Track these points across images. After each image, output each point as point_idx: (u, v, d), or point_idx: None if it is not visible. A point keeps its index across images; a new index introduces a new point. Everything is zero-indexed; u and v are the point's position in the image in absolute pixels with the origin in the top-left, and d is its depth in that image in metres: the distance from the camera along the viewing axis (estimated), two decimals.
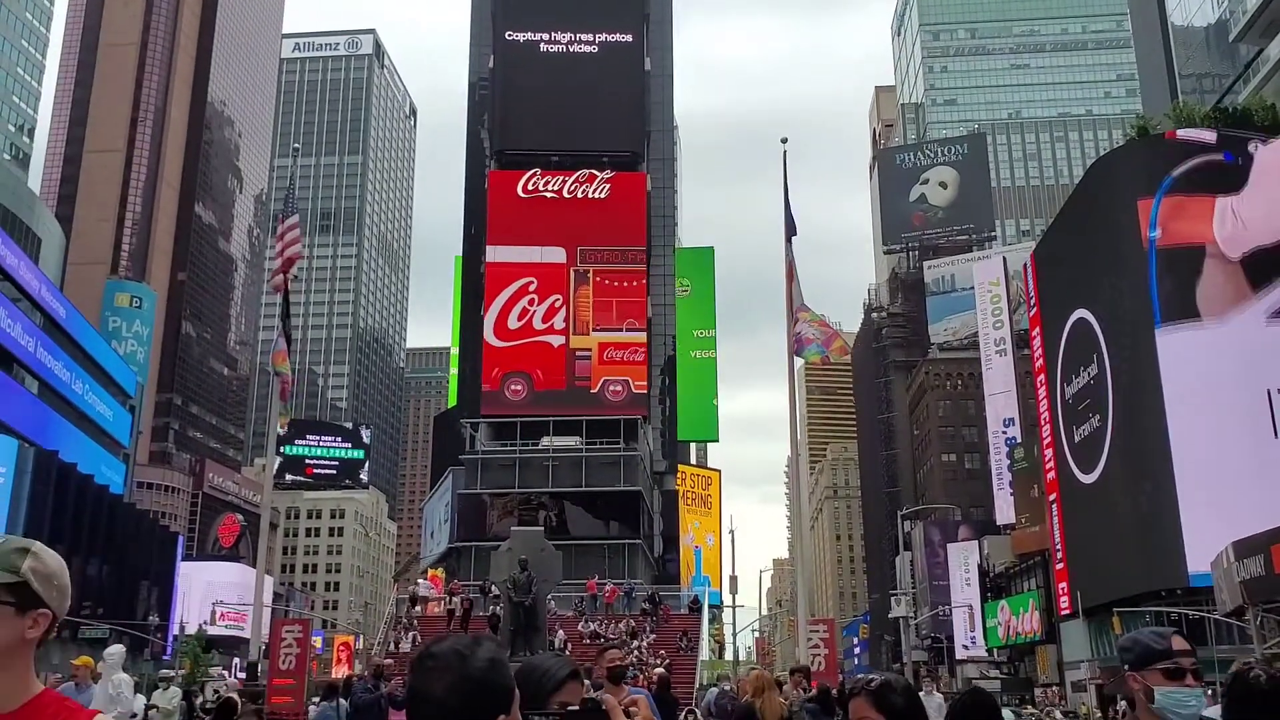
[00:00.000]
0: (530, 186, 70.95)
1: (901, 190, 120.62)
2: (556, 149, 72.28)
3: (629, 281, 69.95)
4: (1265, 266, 36.26)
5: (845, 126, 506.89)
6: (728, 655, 58.04)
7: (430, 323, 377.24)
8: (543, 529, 41.64)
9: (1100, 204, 42.49)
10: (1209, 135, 39.27)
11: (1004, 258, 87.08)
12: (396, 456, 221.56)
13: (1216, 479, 34.56)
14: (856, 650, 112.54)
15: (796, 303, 22.46)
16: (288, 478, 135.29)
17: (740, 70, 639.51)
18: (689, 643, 39.35)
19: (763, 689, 10.40)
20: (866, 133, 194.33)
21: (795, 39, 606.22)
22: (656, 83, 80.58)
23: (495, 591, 34.94)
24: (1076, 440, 44.01)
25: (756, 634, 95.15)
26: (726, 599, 65.98)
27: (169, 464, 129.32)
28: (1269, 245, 36.28)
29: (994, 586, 66.58)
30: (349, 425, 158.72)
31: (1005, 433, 75.62)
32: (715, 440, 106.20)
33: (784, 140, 24.87)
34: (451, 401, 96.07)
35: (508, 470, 65.74)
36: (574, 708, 2.70)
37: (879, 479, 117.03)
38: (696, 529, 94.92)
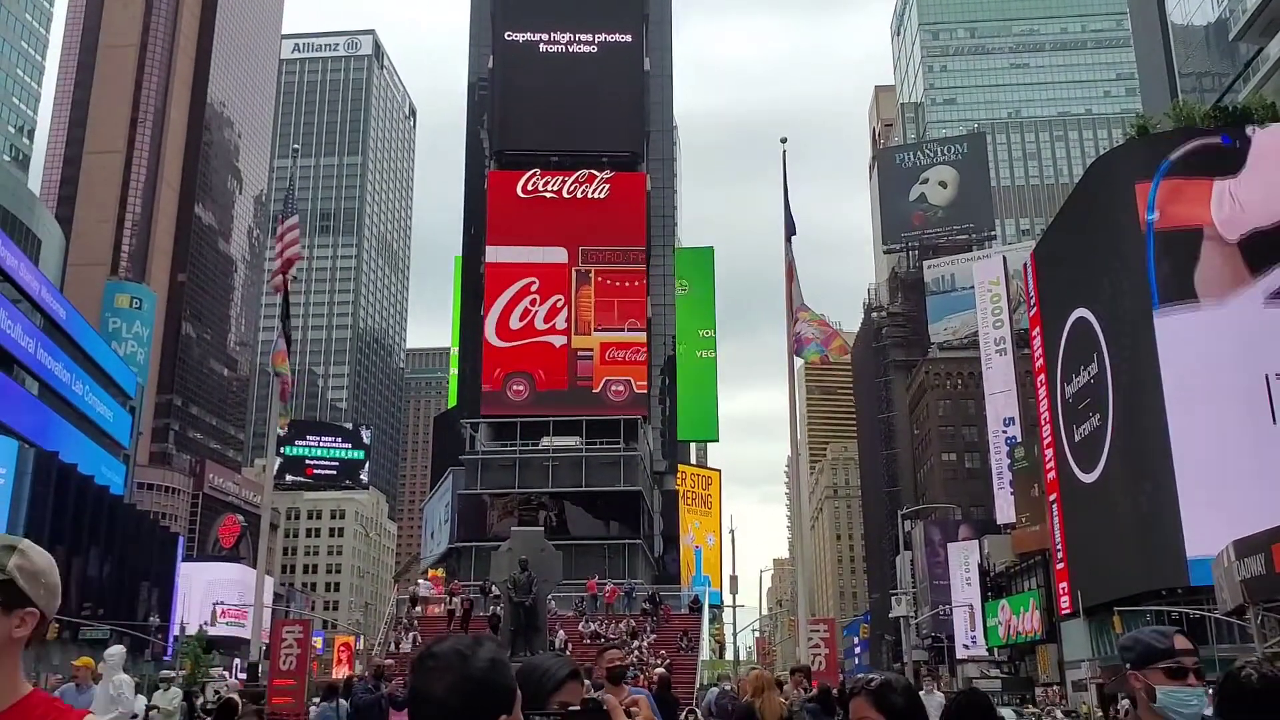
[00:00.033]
0: (530, 187, 70.94)
1: (901, 190, 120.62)
2: (556, 149, 72.27)
3: (629, 282, 69.96)
4: (1263, 249, 36.34)
5: (845, 126, 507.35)
6: (728, 655, 58.11)
7: (430, 323, 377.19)
8: (543, 529, 41.66)
9: (1100, 203, 42.49)
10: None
11: (1004, 257, 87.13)
12: (397, 457, 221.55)
13: (1217, 478, 34.56)
14: (857, 650, 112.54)
15: (796, 302, 22.44)
16: (288, 478, 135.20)
17: (740, 70, 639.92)
18: (689, 643, 39.35)
19: (762, 689, 10.40)
20: (866, 132, 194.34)
21: (795, 39, 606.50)
22: (656, 83, 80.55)
23: (495, 592, 34.95)
24: (1077, 439, 44.02)
25: (757, 634, 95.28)
26: (727, 599, 66.08)
27: (169, 465, 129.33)
28: (1267, 228, 36.35)
29: (994, 586, 66.60)
30: (349, 426, 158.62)
31: (1005, 432, 75.65)
32: (715, 440, 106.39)
33: (784, 140, 24.88)
34: (451, 402, 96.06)
35: (508, 470, 65.74)
36: (575, 708, 2.70)
37: (879, 478, 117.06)
38: (697, 529, 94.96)
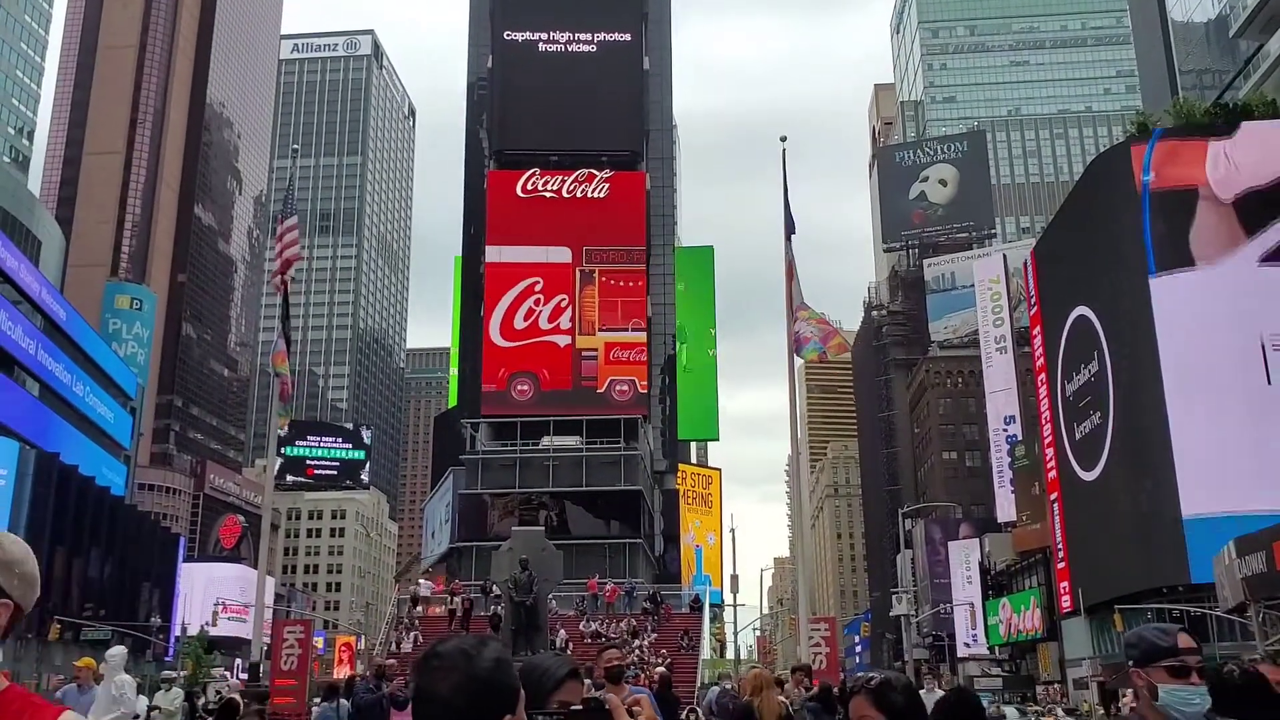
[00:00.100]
0: (529, 186, 70.91)
1: (901, 188, 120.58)
2: (555, 149, 72.25)
3: (630, 281, 69.97)
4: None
5: (844, 126, 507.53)
6: (729, 654, 58.04)
7: (430, 323, 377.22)
8: (543, 529, 41.70)
9: (1100, 201, 42.47)
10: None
11: (1004, 255, 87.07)
12: (397, 457, 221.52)
13: (1218, 477, 34.57)
14: (858, 648, 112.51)
15: (796, 301, 22.41)
16: (288, 479, 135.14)
17: (739, 70, 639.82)
18: (690, 642, 39.38)
19: (760, 688, 10.38)
20: (866, 132, 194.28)
21: (794, 38, 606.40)
22: (655, 82, 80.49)
23: (496, 591, 34.96)
24: (1077, 437, 43.99)
25: (758, 633, 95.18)
26: (727, 598, 66.02)
27: (170, 465, 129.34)
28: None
29: (995, 584, 66.59)
30: (349, 426, 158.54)
31: (1006, 430, 75.60)
32: (716, 439, 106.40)
33: (783, 139, 24.85)
34: (452, 402, 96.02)
35: (508, 470, 65.72)
36: (577, 707, 2.70)
37: (880, 477, 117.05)
38: (697, 528, 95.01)
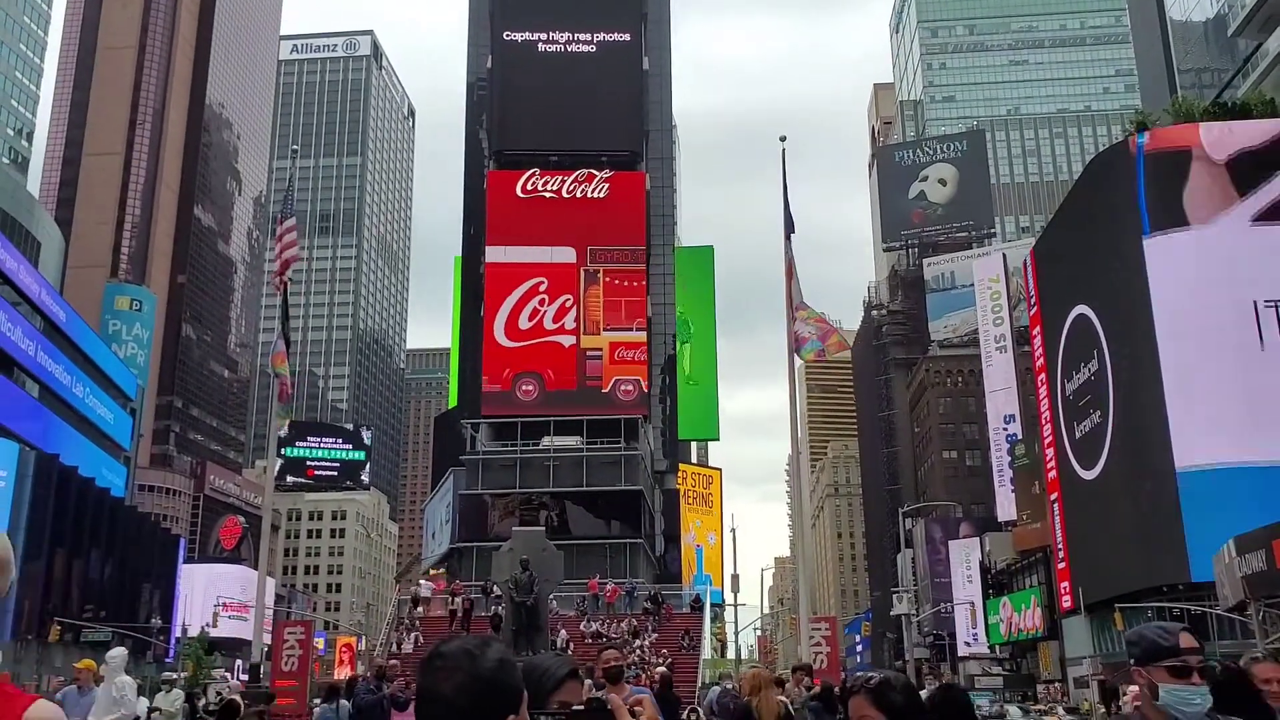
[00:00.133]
0: (529, 186, 70.91)
1: (901, 187, 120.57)
2: (555, 149, 72.23)
3: (631, 281, 70.00)
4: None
5: (844, 125, 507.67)
6: (730, 654, 58.08)
7: (430, 323, 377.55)
8: (544, 529, 41.70)
9: (1100, 199, 42.47)
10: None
11: (1004, 254, 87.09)
12: (397, 458, 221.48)
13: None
14: (859, 648, 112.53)
15: (796, 300, 22.43)
16: (289, 479, 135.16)
17: (738, 69, 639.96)
18: (691, 641, 39.38)
19: (759, 688, 10.38)
20: (865, 131, 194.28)
21: (794, 38, 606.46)
22: (655, 82, 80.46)
23: (497, 591, 34.97)
24: (1077, 436, 43.99)
25: (758, 632, 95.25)
26: (728, 597, 66.17)
27: (170, 467, 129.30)
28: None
29: (996, 583, 66.57)
30: (349, 427, 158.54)
31: (1006, 429, 75.63)
32: (716, 439, 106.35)
33: (783, 139, 24.88)
34: (452, 402, 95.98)
35: (509, 470, 65.70)
36: (579, 707, 2.71)
37: (880, 476, 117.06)
38: (698, 528, 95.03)
